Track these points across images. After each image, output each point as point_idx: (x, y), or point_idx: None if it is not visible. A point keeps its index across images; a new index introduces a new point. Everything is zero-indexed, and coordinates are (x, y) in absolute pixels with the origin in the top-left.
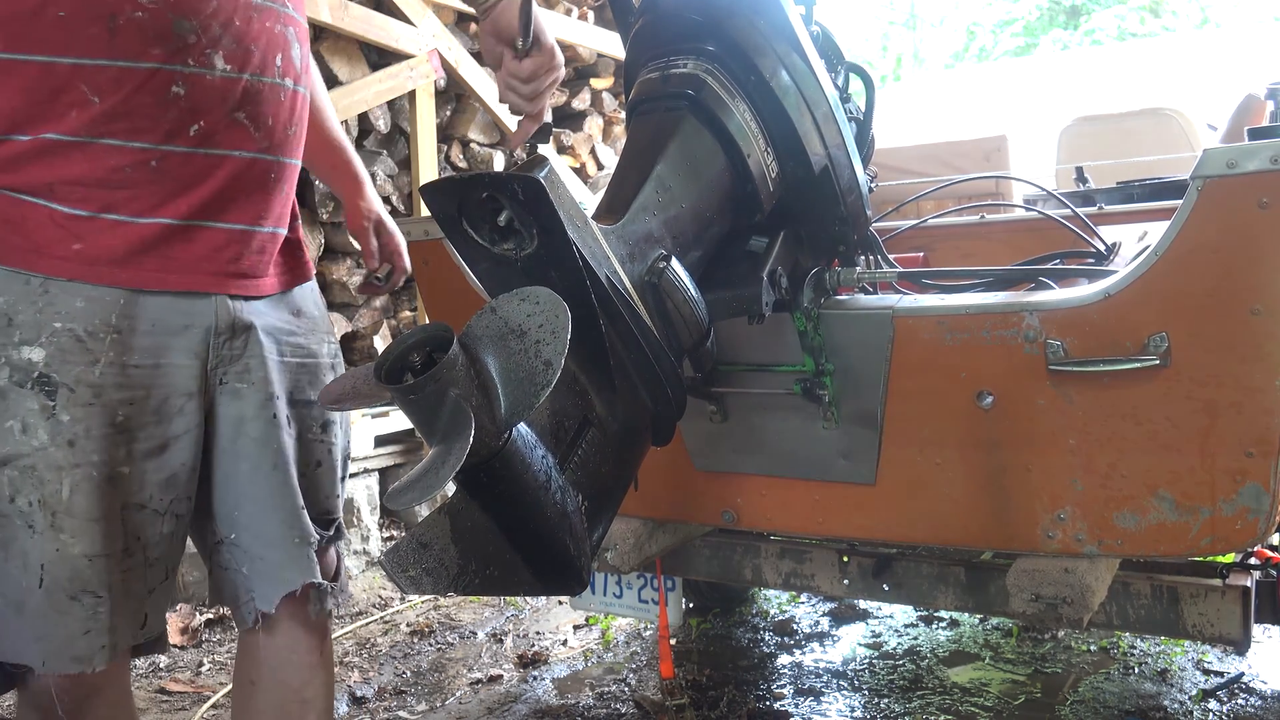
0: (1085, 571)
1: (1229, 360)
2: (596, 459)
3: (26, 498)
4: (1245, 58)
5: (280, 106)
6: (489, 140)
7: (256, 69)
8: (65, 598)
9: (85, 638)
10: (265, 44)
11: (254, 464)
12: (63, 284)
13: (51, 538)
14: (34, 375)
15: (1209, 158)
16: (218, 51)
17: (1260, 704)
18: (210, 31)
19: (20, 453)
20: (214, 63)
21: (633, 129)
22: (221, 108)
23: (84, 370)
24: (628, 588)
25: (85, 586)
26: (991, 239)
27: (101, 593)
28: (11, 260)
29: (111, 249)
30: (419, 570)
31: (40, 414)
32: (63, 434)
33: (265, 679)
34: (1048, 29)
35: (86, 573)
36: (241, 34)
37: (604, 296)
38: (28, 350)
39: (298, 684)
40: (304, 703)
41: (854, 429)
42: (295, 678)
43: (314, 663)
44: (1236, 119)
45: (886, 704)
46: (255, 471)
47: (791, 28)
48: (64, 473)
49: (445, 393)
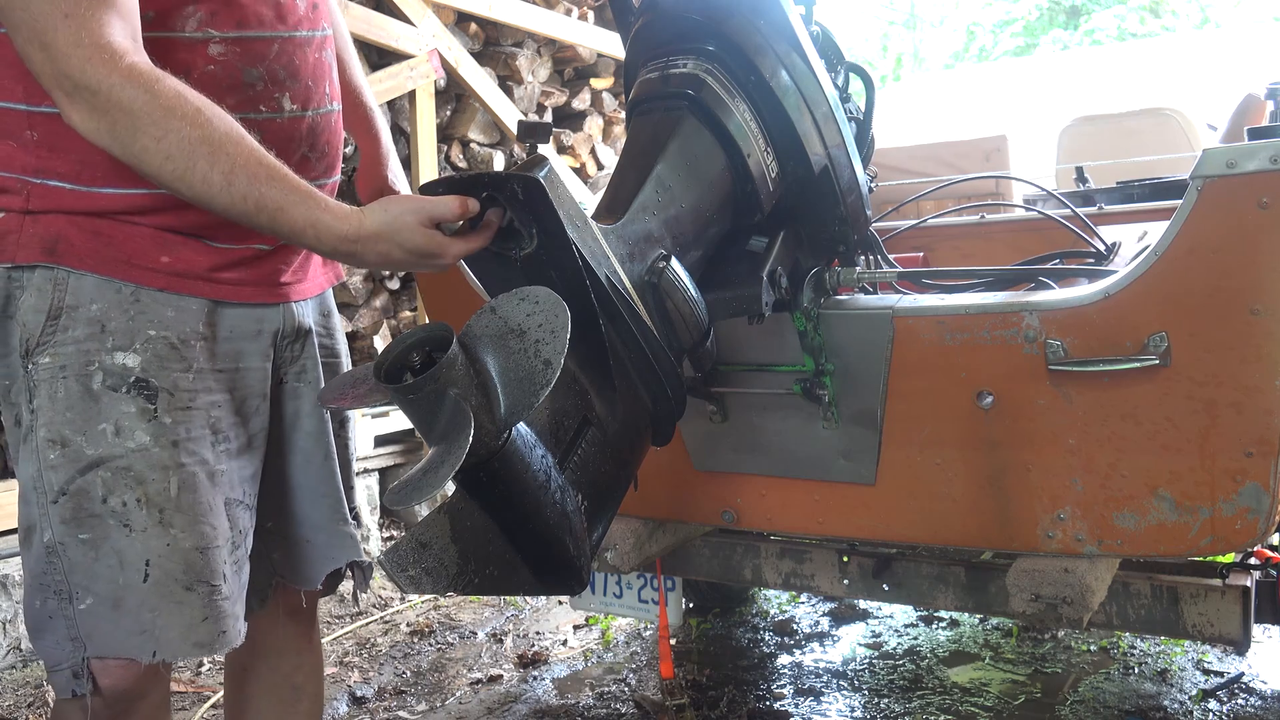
0: (1085, 571)
1: (1229, 360)
2: (596, 459)
3: (120, 497)
4: (1245, 58)
5: (334, 133)
6: (489, 140)
7: (316, 103)
8: (181, 588)
9: (204, 624)
10: (317, 76)
11: (306, 457)
12: (153, 293)
13: (160, 533)
14: (130, 380)
15: (1209, 158)
16: (285, 94)
17: (1260, 704)
18: (276, 76)
19: (114, 454)
20: (283, 105)
21: (633, 129)
22: (292, 145)
23: (180, 375)
24: (628, 588)
25: (200, 577)
26: (991, 239)
27: (216, 582)
28: (103, 269)
29: (197, 263)
30: (419, 570)
31: (139, 416)
32: (166, 435)
33: (256, 665)
34: (1048, 29)
35: (199, 564)
36: (299, 72)
37: (604, 296)
38: (121, 356)
39: (288, 669)
40: (295, 688)
41: (854, 429)
42: (285, 663)
43: (302, 648)
44: (1236, 119)
45: (886, 704)
46: (307, 464)
47: (791, 28)
48: (170, 472)
49: (445, 392)
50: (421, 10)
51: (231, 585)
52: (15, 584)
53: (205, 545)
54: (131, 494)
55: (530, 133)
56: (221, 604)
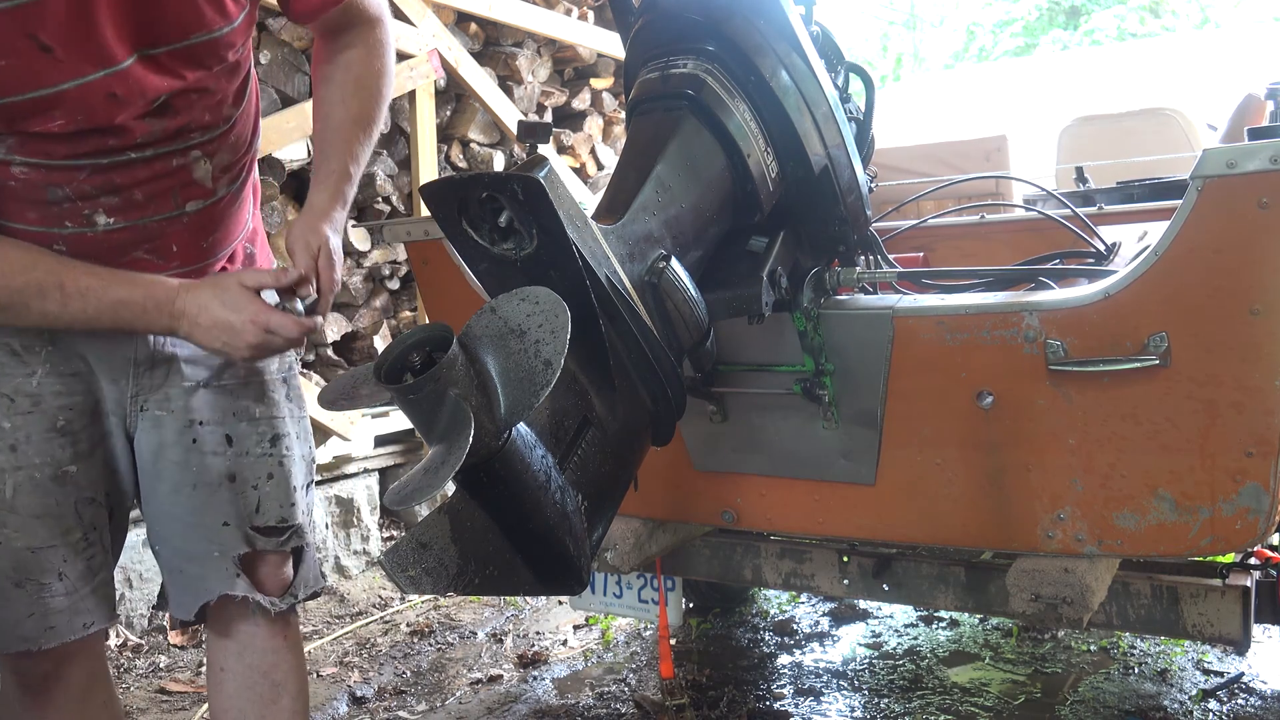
0: (1085, 571)
1: (1229, 360)
2: (596, 459)
3: None
4: (1245, 58)
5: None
6: (489, 140)
7: (154, 211)
8: (10, 585)
9: (30, 620)
10: (158, 189)
11: (174, 485)
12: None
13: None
14: None
15: (1209, 158)
16: (98, 210)
17: (1260, 704)
18: (84, 193)
19: None
20: (95, 220)
21: (633, 129)
22: (114, 252)
23: (22, 381)
24: (628, 588)
25: (29, 575)
26: (991, 239)
27: (46, 580)
28: None
29: None
30: (419, 570)
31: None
32: (4, 439)
33: (232, 664)
34: (1047, 29)
35: (29, 563)
36: (124, 188)
37: (604, 296)
38: None
39: (265, 667)
40: (275, 685)
41: (854, 429)
42: (262, 661)
43: (278, 646)
44: (1236, 119)
45: (886, 704)
46: (175, 493)
47: (791, 28)
48: (6, 474)
49: (445, 393)
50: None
51: (72, 582)
52: None
53: (38, 545)
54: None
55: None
56: (51, 600)
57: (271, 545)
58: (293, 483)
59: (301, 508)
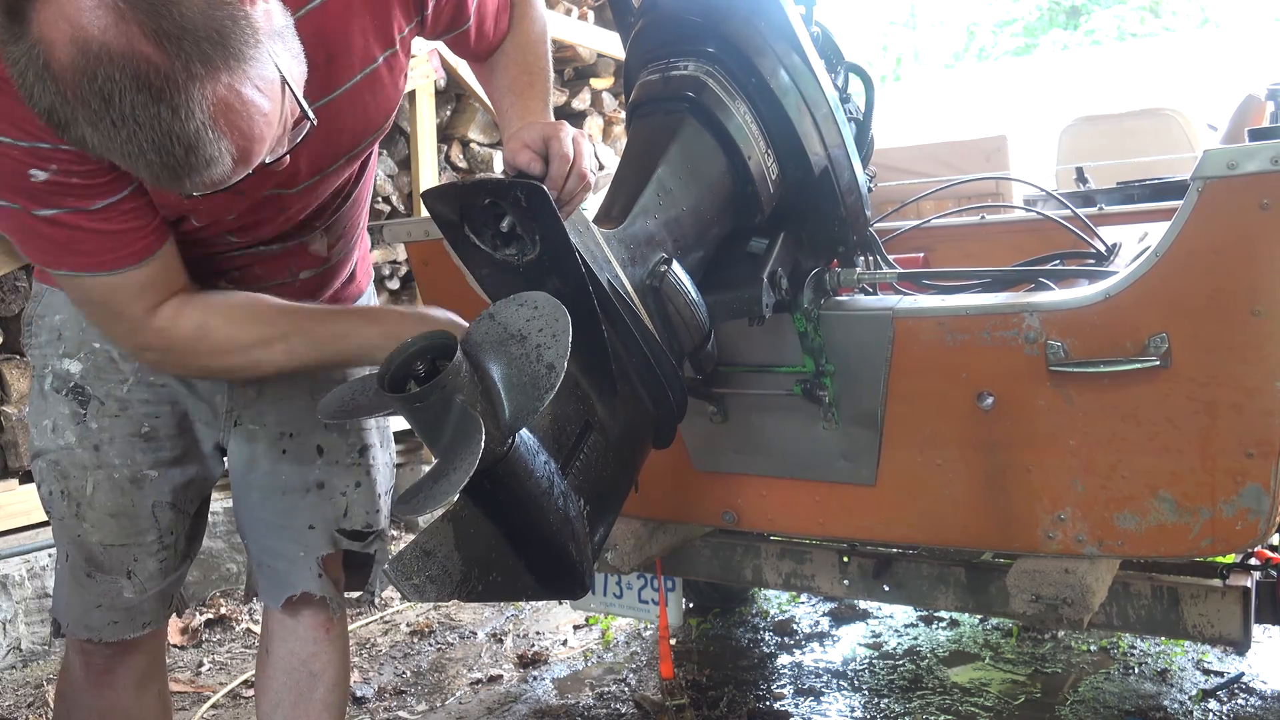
0: (1085, 572)
1: (1229, 361)
2: (598, 463)
3: (49, 487)
4: (1245, 58)
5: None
6: (489, 140)
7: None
8: (84, 575)
9: (97, 611)
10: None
11: (264, 493)
12: None
13: (75, 525)
14: (70, 385)
15: (1209, 159)
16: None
17: (1260, 704)
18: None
19: (48, 448)
20: None
21: (633, 131)
22: None
23: (114, 386)
24: (628, 588)
25: (100, 568)
26: (992, 240)
27: (116, 576)
28: None
29: None
30: (423, 578)
31: (70, 419)
32: (90, 439)
33: (276, 649)
34: (1048, 29)
35: (101, 557)
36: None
37: (606, 301)
38: (68, 362)
39: (305, 655)
40: (312, 675)
41: (854, 430)
42: (302, 650)
43: (320, 638)
44: (1236, 119)
45: (886, 704)
46: (265, 499)
47: (791, 28)
48: (89, 471)
49: (451, 400)
50: None
51: (141, 582)
52: (15, 584)
53: (110, 542)
54: (57, 485)
55: None
56: (118, 596)
57: (356, 547)
58: (378, 490)
59: (384, 513)
